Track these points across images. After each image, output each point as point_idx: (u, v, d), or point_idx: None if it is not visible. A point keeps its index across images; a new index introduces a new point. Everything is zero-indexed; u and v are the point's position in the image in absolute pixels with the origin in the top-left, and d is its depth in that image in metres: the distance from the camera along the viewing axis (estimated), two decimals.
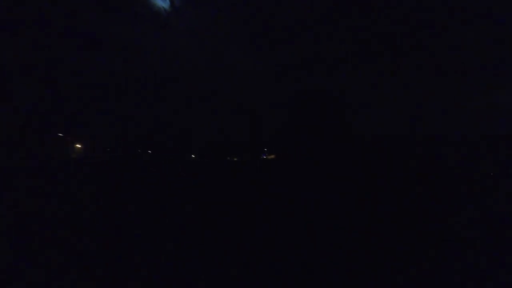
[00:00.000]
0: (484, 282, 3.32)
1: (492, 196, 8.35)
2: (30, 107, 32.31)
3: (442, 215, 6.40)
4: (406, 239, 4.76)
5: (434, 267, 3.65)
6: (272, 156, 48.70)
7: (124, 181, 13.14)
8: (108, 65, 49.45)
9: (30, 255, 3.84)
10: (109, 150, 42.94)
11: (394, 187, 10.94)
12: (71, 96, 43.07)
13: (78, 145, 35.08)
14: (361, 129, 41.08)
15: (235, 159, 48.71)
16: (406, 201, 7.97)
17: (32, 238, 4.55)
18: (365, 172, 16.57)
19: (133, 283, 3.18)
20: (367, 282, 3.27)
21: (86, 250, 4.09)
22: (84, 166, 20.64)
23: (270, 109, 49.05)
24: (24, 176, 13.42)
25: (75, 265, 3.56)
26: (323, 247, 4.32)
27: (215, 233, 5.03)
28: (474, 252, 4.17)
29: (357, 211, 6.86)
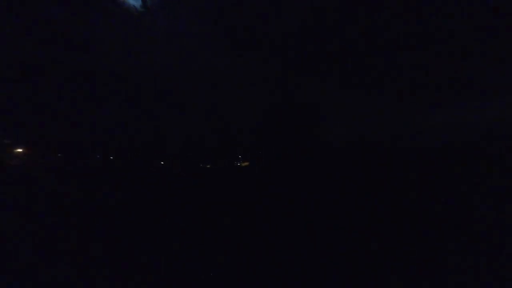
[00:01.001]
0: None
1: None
2: None
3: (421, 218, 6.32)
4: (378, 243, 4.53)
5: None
6: (246, 163, 48.07)
7: (79, 192, 11.24)
8: (71, 64, 44.18)
9: None
10: (61, 156, 37.80)
11: (365, 193, 10.98)
12: (24, 96, 37.40)
13: (19, 150, 30.21)
14: (335, 136, 42.69)
15: (208, 166, 46.99)
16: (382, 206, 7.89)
17: None
18: (337, 179, 16.93)
19: None
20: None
21: None
22: (24, 174, 17.46)
23: (246, 115, 48.46)
24: None
25: None
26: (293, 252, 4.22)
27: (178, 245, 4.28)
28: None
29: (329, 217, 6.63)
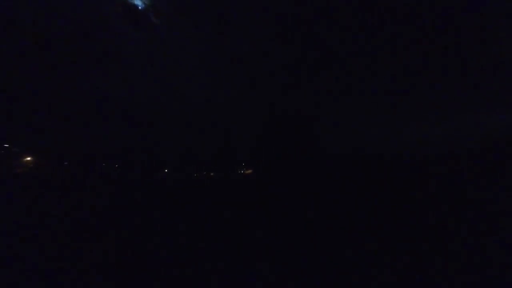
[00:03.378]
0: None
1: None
2: None
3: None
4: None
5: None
6: (249, 171, 47.83)
7: (86, 201, 11.29)
8: (74, 66, 44.53)
9: None
10: (67, 164, 38.18)
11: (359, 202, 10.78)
12: (23, 102, 38.17)
13: (28, 158, 30.62)
14: (334, 146, 42.68)
15: (212, 174, 46.94)
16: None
17: None
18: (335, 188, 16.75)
19: None
20: None
21: None
22: (32, 182, 17.67)
23: (248, 122, 48.52)
24: None
25: None
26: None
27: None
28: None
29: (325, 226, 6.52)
